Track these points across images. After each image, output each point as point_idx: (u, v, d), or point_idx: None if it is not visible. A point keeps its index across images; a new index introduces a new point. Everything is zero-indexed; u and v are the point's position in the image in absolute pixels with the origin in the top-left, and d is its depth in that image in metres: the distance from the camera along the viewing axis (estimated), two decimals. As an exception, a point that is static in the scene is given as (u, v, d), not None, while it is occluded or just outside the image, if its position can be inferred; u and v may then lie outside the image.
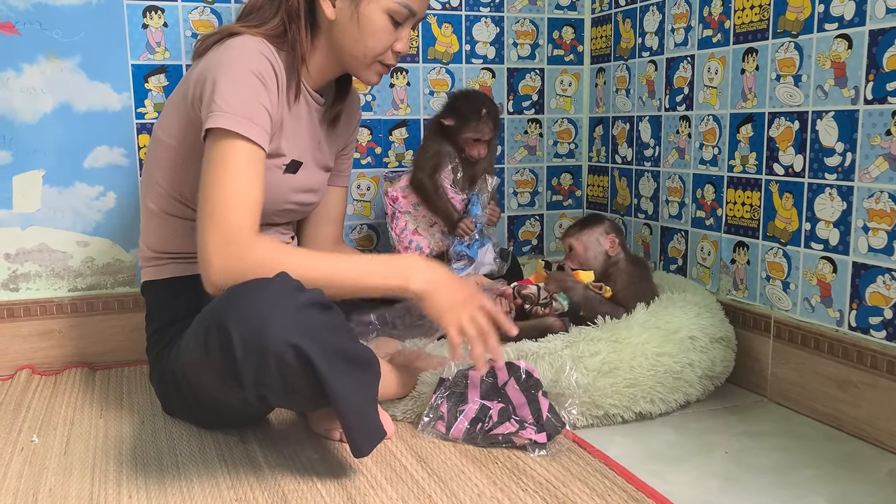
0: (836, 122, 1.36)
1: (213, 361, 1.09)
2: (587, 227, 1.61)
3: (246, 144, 1.19)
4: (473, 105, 1.70)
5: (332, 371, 1.07)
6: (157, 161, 1.36)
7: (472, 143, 1.71)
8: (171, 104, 1.35)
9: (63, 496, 1.12)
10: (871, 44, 1.28)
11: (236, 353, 1.05)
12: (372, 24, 1.30)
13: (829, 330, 1.39)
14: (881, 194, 1.28)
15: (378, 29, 1.31)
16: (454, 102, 1.73)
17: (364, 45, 1.32)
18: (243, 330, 1.05)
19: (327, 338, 1.08)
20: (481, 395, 1.29)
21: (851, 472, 1.20)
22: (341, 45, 1.33)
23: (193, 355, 1.14)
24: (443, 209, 1.70)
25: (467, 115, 1.69)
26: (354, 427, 1.10)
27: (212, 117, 1.18)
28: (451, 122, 1.70)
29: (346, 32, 1.32)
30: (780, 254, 1.49)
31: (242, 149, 1.19)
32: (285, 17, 1.31)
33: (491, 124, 1.70)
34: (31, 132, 1.69)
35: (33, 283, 1.73)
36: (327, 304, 1.12)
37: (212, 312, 1.10)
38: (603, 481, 1.14)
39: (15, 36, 1.65)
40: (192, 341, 1.14)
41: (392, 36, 1.33)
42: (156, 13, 1.74)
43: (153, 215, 1.38)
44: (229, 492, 1.12)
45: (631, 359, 1.36)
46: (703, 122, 1.67)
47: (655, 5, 1.80)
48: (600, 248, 1.59)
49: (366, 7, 1.29)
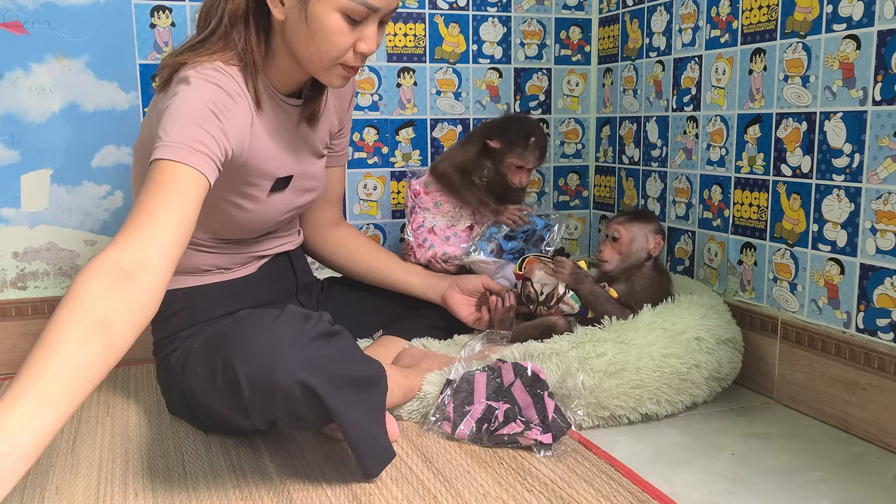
0: (844, 123, 1.35)
1: (220, 393, 1.08)
2: (639, 220, 1.56)
3: (174, 165, 1.06)
4: (523, 131, 1.64)
5: (340, 400, 1.07)
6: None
7: (514, 170, 1.65)
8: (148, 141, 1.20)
9: (69, 494, 1.12)
10: (880, 44, 1.28)
11: (243, 392, 1.04)
12: (323, 26, 1.17)
13: (836, 332, 1.38)
14: (889, 196, 1.27)
15: (331, 31, 1.18)
16: (504, 124, 1.68)
17: (316, 47, 1.19)
18: (250, 368, 1.04)
19: (334, 368, 1.07)
20: (487, 396, 1.29)
21: (859, 475, 1.19)
22: (294, 49, 1.23)
23: (202, 381, 1.12)
24: (476, 195, 1.66)
25: (514, 140, 1.63)
26: (363, 451, 1.10)
27: (155, 150, 1.08)
28: (498, 144, 1.64)
29: (296, 34, 1.20)
30: (788, 255, 1.49)
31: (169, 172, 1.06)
32: (227, 23, 1.21)
33: (538, 153, 1.64)
34: (40, 131, 1.69)
35: (41, 281, 1.74)
36: (333, 330, 1.11)
37: (218, 345, 1.08)
38: (608, 482, 1.13)
39: (24, 35, 1.66)
40: (200, 366, 1.12)
41: (349, 37, 1.19)
42: (163, 13, 1.74)
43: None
44: (235, 491, 1.12)
45: (637, 360, 1.36)
46: (711, 123, 1.67)
47: (663, 5, 1.80)
48: (645, 245, 1.54)
49: (314, 7, 1.16)
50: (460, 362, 1.36)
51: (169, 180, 1.05)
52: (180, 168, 1.06)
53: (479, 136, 1.71)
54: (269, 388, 1.04)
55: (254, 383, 1.04)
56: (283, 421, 1.11)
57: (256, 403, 1.05)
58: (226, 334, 1.09)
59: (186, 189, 1.06)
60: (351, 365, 1.11)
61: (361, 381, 1.11)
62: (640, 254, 1.54)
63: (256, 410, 1.07)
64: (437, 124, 1.98)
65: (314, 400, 1.05)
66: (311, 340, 1.07)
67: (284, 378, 1.03)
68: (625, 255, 1.54)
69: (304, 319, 1.09)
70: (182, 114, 1.11)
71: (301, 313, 1.10)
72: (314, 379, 1.04)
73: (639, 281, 1.53)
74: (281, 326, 1.07)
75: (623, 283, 1.54)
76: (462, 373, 1.33)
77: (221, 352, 1.07)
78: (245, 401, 1.05)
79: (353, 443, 1.10)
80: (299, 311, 1.11)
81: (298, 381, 1.03)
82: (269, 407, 1.06)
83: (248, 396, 1.04)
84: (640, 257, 1.54)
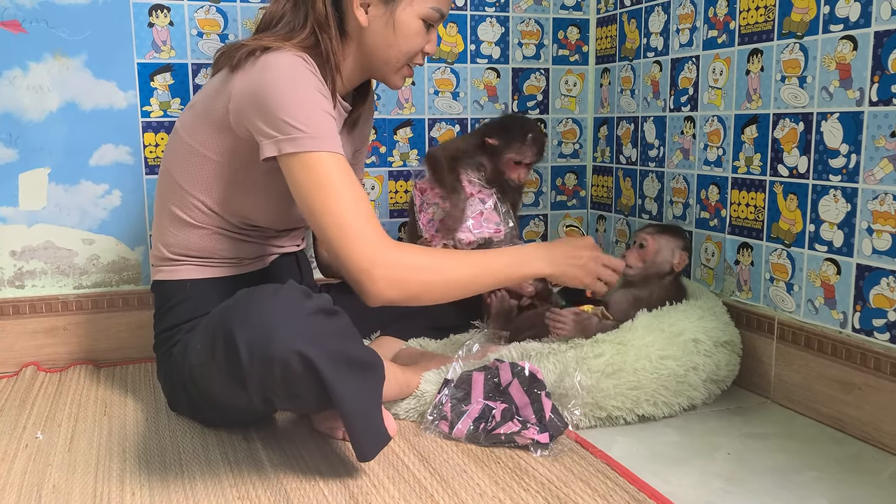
0: (840, 124, 1.36)
1: (219, 365, 1.09)
2: (668, 234, 1.57)
3: (332, 157, 1.19)
4: (521, 127, 1.67)
5: (338, 377, 1.07)
6: (190, 172, 1.33)
7: (513, 166, 1.67)
8: (204, 116, 1.30)
9: (67, 493, 1.12)
10: (877, 45, 1.28)
11: (242, 360, 1.05)
12: (408, 29, 1.33)
13: (832, 332, 1.39)
14: (886, 196, 1.28)
15: (413, 34, 1.34)
16: (502, 122, 1.71)
17: (398, 49, 1.35)
18: (250, 336, 1.05)
19: (333, 344, 1.08)
20: (485, 396, 1.29)
21: (854, 475, 1.20)
22: (373, 51, 1.35)
23: (200, 357, 1.14)
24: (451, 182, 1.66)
25: (513, 136, 1.66)
26: (359, 431, 1.11)
27: (290, 141, 1.18)
28: (496, 141, 1.67)
29: (378, 38, 1.34)
30: (785, 255, 1.49)
31: (332, 163, 1.19)
32: (315, 27, 1.30)
33: (536, 149, 1.67)
34: (38, 130, 1.69)
35: (39, 280, 1.74)
36: (333, 309, 1.13)
37: (219, 317, 1.10)
38: (605, 482, 1.14)
39: (22, 34, 1.66)
40: (200, 343, 1.14)
41: (423, 39, 1.36)
42: (162, 12, 1.74)
43: (177, 221, 1.36)
44: (232, 490, 1.12)
45: (635, 361, 1.36)
46: (708, 123, 1.67)
47: (660, 6, 1.80)
48: (670, 259, 1.55)
49: (401, 13, 1.32)
50: (458, 361, 1.36)
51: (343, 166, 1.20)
52: (336, 157, 1.20)
53: (479, 133, 1.73)
54: (268, 358, 1.04)
55: (253, 352, 1.05)
56: (280, 398, 1.11)
57: (255, 374, 1.06)
58: (226, 306, 1.11)
59: (350, 170, 1.21)
60: (350, 344, 1.12)
61: (359, 363, 1.12)
62: (664, 266, 1.55)
63: (255, 382, 1.07)
64: (435, 124, 1.98)
65: (312, 374, 1.06)
66: (311, 314, 1.08)
67: (283, 347, 1.04)
68: (648, 264, 1.55)
69: (305, 295, 1.11)
70: (304, 101, 1.20)
71: (302, 289, 1.12)
72: (312, 350, 1.05)
73: (657, 291, 1.53)
74: (281, 298, 1.09)
75: (641, 289, 1.54)
76: (460, 372, 1.33)
77: (222, 322, 1.08)
78: (244, 371, 1.05)
79: (348, 422, 1.09)
80: (300, 287, 1.12)
81: (296, 350, 1.04)
82: (267, 379, 1.07)
83: (246, 366, 1.05)
84: (662, 269, 1.55)
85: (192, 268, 1.37)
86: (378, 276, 1.18)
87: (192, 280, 1.37)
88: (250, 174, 1.31)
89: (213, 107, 1.28)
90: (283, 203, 1.37)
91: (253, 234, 1.40)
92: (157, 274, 1.41)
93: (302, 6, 1.31)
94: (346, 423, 1.10)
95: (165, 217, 1.38)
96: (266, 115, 1.19)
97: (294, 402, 1.15)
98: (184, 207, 1.34)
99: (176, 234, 1.36)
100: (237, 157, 1.29)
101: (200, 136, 1.30)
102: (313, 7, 1.30)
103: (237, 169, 1.30)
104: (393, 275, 1.19)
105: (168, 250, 1.38)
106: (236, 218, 1.36)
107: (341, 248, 1.18)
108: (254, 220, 1.38)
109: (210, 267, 1.38)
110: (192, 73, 1.78)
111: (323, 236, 1.20)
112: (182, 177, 1.33)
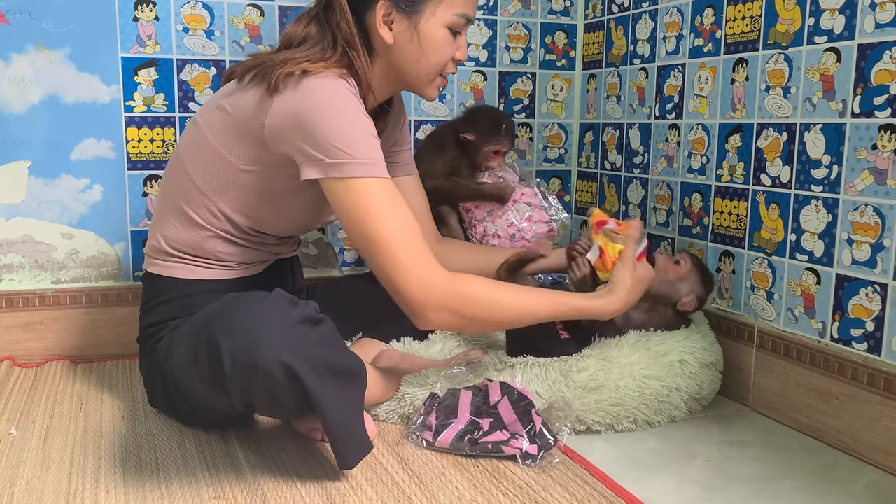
0: (823, 135, 1.37)
1: (201, 369, 1.09)
2: (699, 275, 1.52)
3: (380, 182, 1.19)
4: (493, 119, 1.74)
5: (321, 387, 1.07)
6: (210, 174, 1.30)
7: (492, 156, 1.74)
8: (237, 127, 1.26)
9: (40, 490, 1.11)
10: (860, 58, 1.29)
11: (224, 367, 1.04)
12: (434, 41, 1.31)
13: (811, 341, 1.40)
14: (866, 207, 1.29)
15: (440, 44, 1.31)
16: (472, 116, 1.76)
17: (427, 62, 1.32)
18: (233, 345, 1.04)
19: (317, 353, 1.08)
20: (472, 412, 1.28)
21: (830, 484, 1.20)
22: (402, 67, 1.33)
23: (183, 359, 1.13)
24: (479, 190, 1.73)
25: (489, 129, 1.72)
26: (341, 440, 1.10)
27: (337, 166, 1.17)
28: (472, 136, 1.71)
29: (405, 54, 1.31)
30: (766, 264, 1.50)
31: (380, 189, 1.18)
32: (345, 46, 1.27)
33: (511, 136, 1.76)
34: (19, 122, 1.67)
35: (16, 274, 1.72)
36: (318, 317, 1.12)
37: (204, 321, 1.09)
38: (583, 487, 1.14)
39: (4, 25, 1.64)
40: (183, 345, 1.13)
41: (452, 48, 1.33)
42: (147, 6, 1.73)
43: (184, 217, 1.33)
44: (208, 489, 1.11)
45: (618, 378, 1.36)
46: (693, 131, 1.68)
47: (648, 13, 1.81)
48: (680, 293, 1.51)
49: (426, 26, 1.29)
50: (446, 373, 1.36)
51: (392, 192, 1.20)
52: (383, 182, 1.19)
53: (447, 136, 1.76)
54: (252, 367, 1.04)
55: (236, 360, 1.04)
56: (261, 405, 1.11)
57: (237, 381, 1.05)
58: (211, 311, 1.10)
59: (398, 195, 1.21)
60: (333, 353, 1.11)
61: (342, 371, 1.11)
62: (672, 296, 1.51)
63: (236, 389, 1.06)
64: (421, 126, 1.98)
65: (295, 384, 1.05)
66: (296, 324, 1.08)
67: (267, 357, 1.04)
68: (664, 282, 1.50)
69: (291, 303, 1.10)
70: (351, 126, 1.19)
71: (288, 297, 1.11)
72: (296, 361, 1.04)
73: (657, 317, 1.51)
74: (268, 307, 1.08)
75: (643, 310, 1.50)
76: (447, 388, 1.32)
77: (206, 327, 1.07)
78: (226, 377, 1.05)
79: (331, 431, 1.09)
80: (287, 296, 1.12)
81: (281, 361, 1.04)
82: (249, 387, 1.06)
83: (229, 373, 1.04)
84: (670, 298, 1.51)
85: (188, 267, 1.35)
86: (432, 317, 1.20)
87: (186, 279, 1.35)
88: (275, 185, 1.29)
89: (248, 123, 1.24)
90: (299, 215, 1.37)
91: (256, 240, 1.39)
92: (151, 266, 1.38)
93: (328, 27, 1.29)
94: (329, 432, 1.10)
95: (171, 210, 1.35)
96: (311, 138, 1.17)
97: (276, 409, 1.15)
98: (194, 206, 1.32)
99: (178, 230, 1.34)
100: (265, 170, 1.27)
101: (230, 143, 1.27)
102: (339, 28, 1.28)
103: (262, 179, 1.28)
104: (449, 309, 1.20)
105: (166, 243, 1.35)
106: (247, 224, 1.34)
107: (393, 281, 1.18)
108: (265, 228, 1.37)
109: (206, 268, 1.36)
110: (178, 69, 1.76)
111: (374, 266, 1.20)
112: (199, 176, 1.30)
